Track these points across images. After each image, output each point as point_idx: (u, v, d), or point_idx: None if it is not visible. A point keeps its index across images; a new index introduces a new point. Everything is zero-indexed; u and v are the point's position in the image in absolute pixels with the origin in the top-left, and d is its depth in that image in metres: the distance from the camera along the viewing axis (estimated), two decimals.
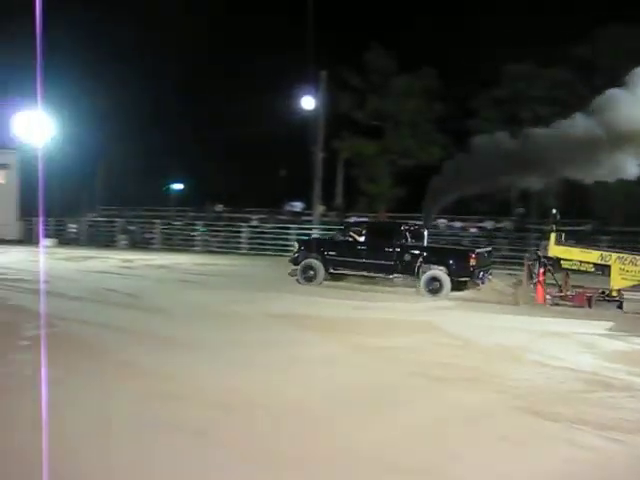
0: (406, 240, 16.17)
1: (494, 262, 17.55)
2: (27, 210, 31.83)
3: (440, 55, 30.17)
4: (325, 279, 16.54)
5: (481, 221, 28.65)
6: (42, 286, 14.63)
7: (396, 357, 8.30)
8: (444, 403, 6.42)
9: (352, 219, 26.99)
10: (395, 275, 15.91)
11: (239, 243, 29.64)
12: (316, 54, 24.95)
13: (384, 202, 32.31)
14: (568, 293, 14.11)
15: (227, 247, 29.71)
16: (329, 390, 6.74)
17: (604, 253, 14.03)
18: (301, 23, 25.61)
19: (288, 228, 28.41)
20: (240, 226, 29.95)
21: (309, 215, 30.25)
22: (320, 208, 29.01)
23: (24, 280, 15.67)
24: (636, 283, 13.49)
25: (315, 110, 28.43)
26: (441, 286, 14.94)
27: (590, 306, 13.60)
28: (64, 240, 31.76)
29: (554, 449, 5.30)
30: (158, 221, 32.03)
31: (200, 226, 31.25)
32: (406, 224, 17.33)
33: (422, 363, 7.95)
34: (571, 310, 13.31)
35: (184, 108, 39.07)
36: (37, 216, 28.79)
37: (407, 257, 15.67)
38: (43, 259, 22.29)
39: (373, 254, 16.07)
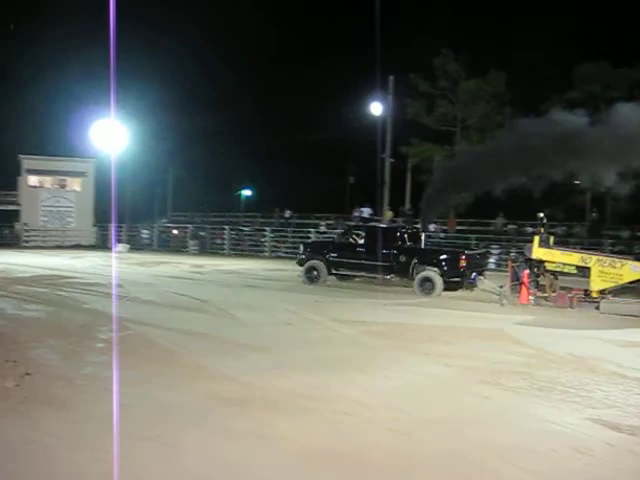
0: (403, 243, 16.97)
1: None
2: (102, 217, 32.87)
3: (509, 58, 29.69)
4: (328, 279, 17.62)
5: (553, 227, 27.94)
6: (116, 290, 15.04)
7: (463, 365, 8.15)
8: (520, 415, 6.27)
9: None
10: (392, 275, 16.70)
11: None
12: (384, 59, 24.89)
13: (453, 208, 31.90)
14: (553, 294, 14.51)
15: (295, 252, 29.83)
16: (405, 400, 6.68)
17: (584, 255, 14.55)
18: (368, 29, 25.59)
19: None
20: (308, 232, 30.04)
21: (377, 221, 30.08)
22: (388, 214, 28.78)
23: (99, 284, 16.15)
24: (614, 285, 13.87)
25: (383, 115, 28.30)
26: (433, 286, 15.58)
27: (572, 306, 13.97)
28: (136, 245, 32.55)
29: (632, 464, 5.10)
30: (227, 227, 32.49)
31: (268, 232, 31.51)
32: (403, 227, 18.62)
33: (494, 372, 7.77)
34: (552, 310, 13.78)
35: (253, 115, 39.61)
36: (111, 222, 29.66)
37: (402, 258, 16.44)
38: (116, 264, 22.90)
39: (372, 256, 16.79)
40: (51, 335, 9.26)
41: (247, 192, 44.29)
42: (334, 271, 17.57)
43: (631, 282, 13.98)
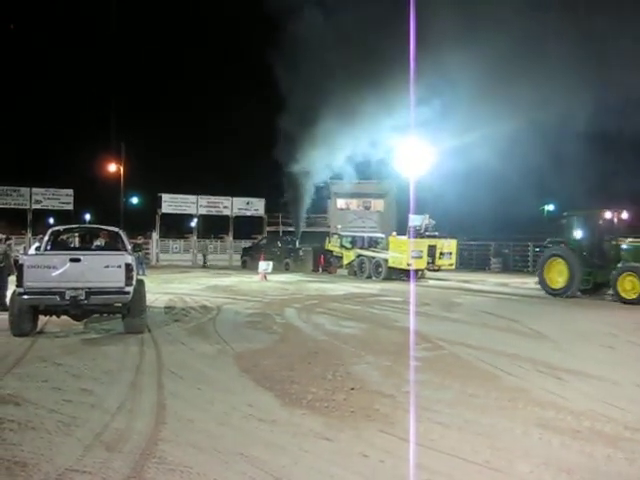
0: (284, 243, 34.49)
1: None
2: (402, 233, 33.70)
3: None
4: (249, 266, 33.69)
5: None
6: (424, 309, 15.33)
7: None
8: None
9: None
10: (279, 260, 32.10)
11: None
12: None
13: None
14: (331, 267, 29.94)
15: None
16: None
17: (338, 249, 29.03)
18: None
19: None
20: None
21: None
22: None
23: (406, 302, 16.63)
24: (350, 261, 27.53)
25: None
26: (290, 267, 31.64)
27: (336, 272, 29.34)
28: None
29: None
30: (531, 244, 31.49)
31: None
32: (284, 236, 37.58)
33: None
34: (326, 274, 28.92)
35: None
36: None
37: (278, 252, 32.81)
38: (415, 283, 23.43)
39: (269, 251, 32.25)
40: (369, 352, 9.64)
41: (549, 207, 42.66)
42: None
43: (352, 260, 27.33)
